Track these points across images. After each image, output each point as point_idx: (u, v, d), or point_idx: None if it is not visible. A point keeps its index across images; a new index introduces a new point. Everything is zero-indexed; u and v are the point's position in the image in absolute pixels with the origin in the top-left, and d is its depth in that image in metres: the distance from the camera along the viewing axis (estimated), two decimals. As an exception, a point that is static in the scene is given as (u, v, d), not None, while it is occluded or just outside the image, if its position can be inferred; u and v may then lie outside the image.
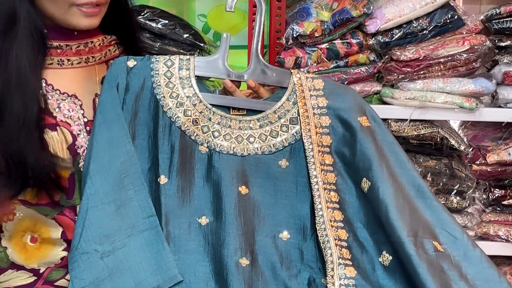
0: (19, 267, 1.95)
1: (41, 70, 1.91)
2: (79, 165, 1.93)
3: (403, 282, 1.79)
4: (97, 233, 1.84)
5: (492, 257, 2.94)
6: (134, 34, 2.15)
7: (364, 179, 1.86)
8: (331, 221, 1.87)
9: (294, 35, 2.74)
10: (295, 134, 1.95)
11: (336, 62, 2.82)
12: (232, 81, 2.04)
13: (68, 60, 1.97)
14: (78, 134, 1.95)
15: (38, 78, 1.88)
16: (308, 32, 2.74)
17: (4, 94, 1.82)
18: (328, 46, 2.80)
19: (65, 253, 1.98)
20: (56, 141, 1.91)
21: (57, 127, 1.92)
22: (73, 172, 1.93)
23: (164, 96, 1.96)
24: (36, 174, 1.84)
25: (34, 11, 1.88)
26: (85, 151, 1.93)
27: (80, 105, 1.98)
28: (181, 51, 2.84)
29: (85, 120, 1.98)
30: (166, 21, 2.85)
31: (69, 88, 1.98)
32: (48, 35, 1.93)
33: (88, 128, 1.97)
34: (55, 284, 1.98)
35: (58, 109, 1.94)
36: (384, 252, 1.82)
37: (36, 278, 1.97)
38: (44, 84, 1.93)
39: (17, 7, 1.84)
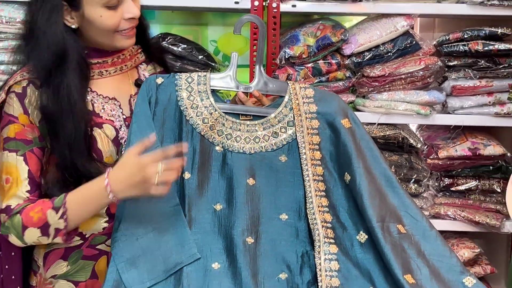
0: (72, 232, 1.93)
1: (86, 91, 1.90)
2: (122, 153, 1.93)
3: (376, 255, 1.80)
4: (134, 220, 1.86)
5: (442, 232, 2.87)
6: (150, 42, 2.12)
7: (346, 173, 1.86)
8: (319, 206, 1.88)
9: (286, 57, 2.77)
10: (291, 134, 1.94)
11: (319, 78, 2.83)
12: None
13: (106, 71, 1.97)
14: (120, 128, 1.96)
15: (84, 100, 1.88)
16: (297, 54, 2.76)
17: (58, 119, 1.82)
18: (313, 65, 2.82)
19: (106, 224, 1.99)
20: (103, 136, 1.92)
21: (103, 125, 1.93)
22: (117, 159, 1.93)
23: (186, 107, 1.96)
24: (87, 179, 1.85)
25: (78, 41, 1.88)
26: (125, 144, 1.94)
27: (119, 105, 1.99)
28: (197, 69, 2.83)
29: (124, 117, 1.99)
30: (185, 45, 2.86)
31: (109, 92, 1.98)
32: (89, 54, 1.93)
33: (127, 123, 1.98)
34: (96, 247, 1.99)
35: (103, 110, 1.95)
36: (361, 231, 1.83)
37: (82, 241, 1.98)
38: (90, 91, 1.93)
39: (66, 43, 1.83)
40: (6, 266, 1.98)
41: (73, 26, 1.86)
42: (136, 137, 1.89)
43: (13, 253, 2.00)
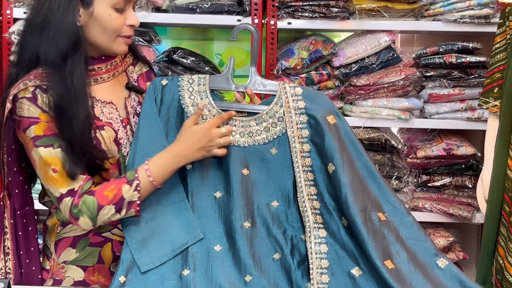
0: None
1: (89, 86, 1.81)
2: (122, 152, 1.85)
3: (358, 238, 1.75)
4: (144, 206, 1.79)
5: (421, 223, 3.00)
6: (133, 43, 2.00)
7: (330, 164, 1.79)
8: (308, 195, 1.81)
9: (283, 68, 2.79)
10: (281, 129, 1.87)
11: (312, 87, 2.83)
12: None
13: (101, 77, 1.86)
14: (118, 129, 1.86)
15: (89, 92, 1.78)
16: (292, 66, 2.78)
17: (72, 102, 1.72)
18: (306, 76, 2.82)
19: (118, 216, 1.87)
20: (106, 137, 1.82)
21: (104, 127, 1.83)
22: (119, 157, 1.85)
23: (187, 105, 1.89)
24: (91, 161, 1.76)
25: (83, 37, 1.77)
26: (126, 142, 1.87)
27: (116, 108, 1.88)
28: (204, 79, 2.81)
29: (121, 118, 1.88)
30: (193, 58, 2.84)
31: (106, 97, 1.87)
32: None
33: (123, 124, 1.89)
34: (102, 235, 1.89)
35: (102, 114, 1.84)
36: (343, 217, 1.77)
37: (89, 230, 1.87)
38: (89, 97, 1.82)
39: (81, 34, 1.73)
40: (23, 251, 1.88)
41: (79, 24, 1.74)
42: (144, 131, 1.84)
43: (30, 237, 1.90)
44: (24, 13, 2.68)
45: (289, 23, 2.78)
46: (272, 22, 2.76)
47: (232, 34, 1.94)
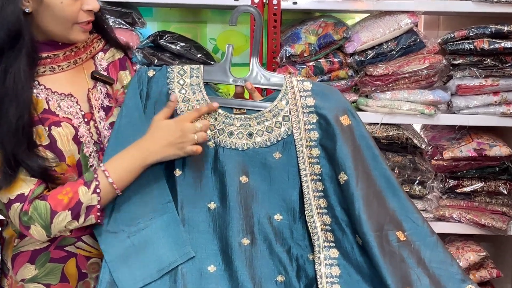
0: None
1: (33, 81, 1.80)
2: (84, 152, 1.85)
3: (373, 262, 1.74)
4: (124, 217, 1.80)
5: (447, 235, 3.08)
6: (107, 26, 2.03)
7: (342, 173, 1.79)
8: (317, 208, 1.81)
9: (287, 55, 2.75)
10: (287, 130, 1.87)
11: (321, 77, 2.81)
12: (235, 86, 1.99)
13: (59, 66, 1.87)
14: (79, 126, 1.86)
15: (30, 89, 1.78)
16: (298, 53, 2.75)
17: (2, 103, 1.72)
18: (314, 64, 2.80)
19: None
20: (62, 135, 1.82)
21: (61, 123, 1.83)
22: (79, 158, 1.85)
23: (177, 101, 1.90)
24: (29, 170, 1.75)
25: (31, 27, 1.77)
26: (89, 141, 1.87)
27: (76, 101, 1.88)
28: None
29: (83, 113, 1.89)
30: (183, 44, 2.82)
31: (64, 89, 1.87)
32: (39, 47, 1.82)
33: (86, 119, 1.89)
34: (64, 249, 1.90)
35: (59, 108, 1.84)
36: (357, 235, 1.77)
37: (49, 243, 1.89)
38: (43, 89, 1.84)
39: (22, 25, 1.72)
40: None
41: (27, 10, 1.75)
42: (126, 131, 1.85)
43: None
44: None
45: (295, 2, 2.75)
46: (275, 2, 2.72)
47: (230, 17, 1.93)
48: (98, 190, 1.74)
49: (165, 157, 1.80)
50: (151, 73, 1.92)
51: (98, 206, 1.76)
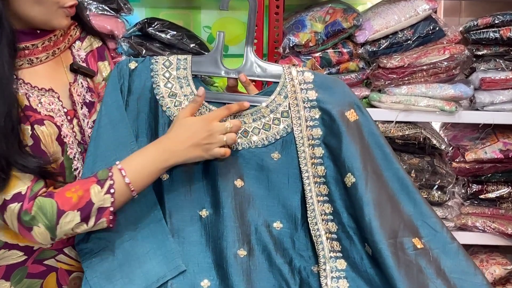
0: (12, 246, 1.83)
1: (15, 72, 1.78)
2: (67, 153, 1.83)
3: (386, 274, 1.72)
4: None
5: (470, 246, 3.02)
6: (82, 13, 2.02)
7: (349, 174, 1.77)
8: (321, 214, 1.80)
9: (291, 45, 2.72)
10: (286, 127, 1.87)
11: (329, 70, 2.78)
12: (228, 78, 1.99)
13: (37, 58, 1.85)
14: (62, 125, 1.84)
15: (15, 81, 1.74)
16: (303, 42, 2.71)
17: None
18: (321, 55, 2.77)
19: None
20: (46, 134, 1.79)
21: (45, 122, 1.81)
22: (63, 161, 1.82)
23: (163, 96, 1.88)
24: (25, 171, 1.71)
25: (8, 12, 1.74)
26: (73, 141, 1.86)
27: (58, 97, 1.86)
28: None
29: (65, 110, 1.87)
30: (175, 32, 2.78)
31: (44, 83, 1.86)
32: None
33: (69, 117, 1.87)
34: (44, 263, 1.88)
35: (40, 105, 1.82)
36: (366, 244, 1.75)
37: (26, 257, 1.86)
38: (23, 83, 1.82)
39: (2, 11, 1.70)
40: None
41: None
42: (106, 132, 1.83)
43: None
44: None
45: (299, -14, 2.76)
46: (276, -15, 2.72)
47: (221, 1, 1.91)
48: (112, 191, 1.71)
49: (188, 159, 1.78)
50: (132, 65, 1.90)
51: (111, 209, 1.73)
